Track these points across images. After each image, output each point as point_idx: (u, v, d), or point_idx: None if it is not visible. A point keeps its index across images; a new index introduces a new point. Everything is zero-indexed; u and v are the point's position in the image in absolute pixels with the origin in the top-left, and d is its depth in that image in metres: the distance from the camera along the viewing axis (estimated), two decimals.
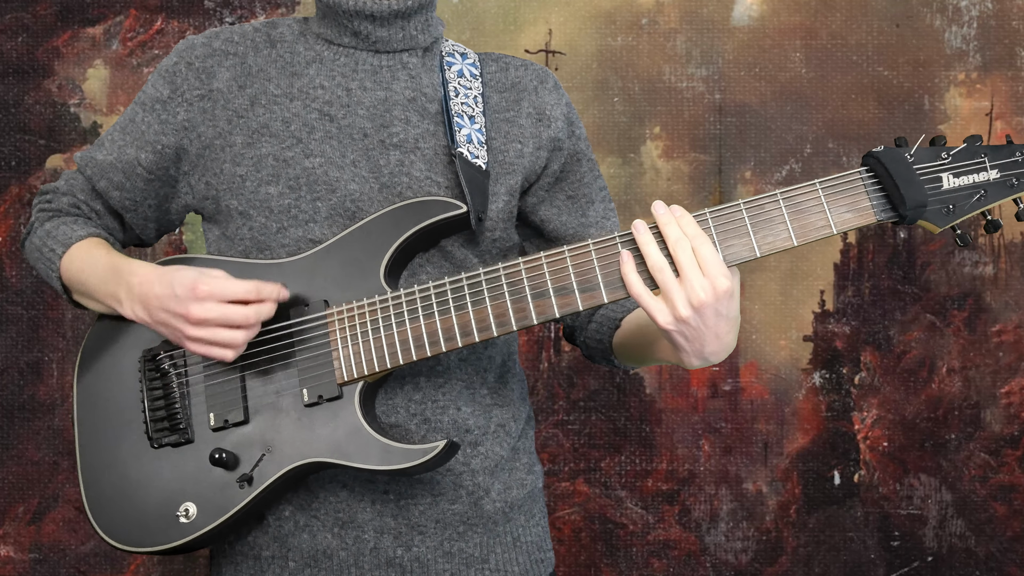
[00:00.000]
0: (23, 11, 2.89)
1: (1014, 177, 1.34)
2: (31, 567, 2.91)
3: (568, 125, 1.59)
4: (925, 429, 2.95)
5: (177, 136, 1.51)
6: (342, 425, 1.41)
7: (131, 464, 1.48)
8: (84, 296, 1.55)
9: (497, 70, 1.59)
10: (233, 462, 1.43)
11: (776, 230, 1.32)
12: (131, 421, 1.49)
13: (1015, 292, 2.94)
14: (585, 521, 2.95)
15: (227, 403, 1.45)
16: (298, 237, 1.47)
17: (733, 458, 2.96)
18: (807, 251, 2.95)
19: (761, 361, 2.96)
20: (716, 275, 1.27)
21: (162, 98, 1.52)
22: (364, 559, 1.49)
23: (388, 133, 1.48)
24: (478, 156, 1.49)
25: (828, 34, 2.94)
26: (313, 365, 1.43)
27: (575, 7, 2.93)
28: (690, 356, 1.34)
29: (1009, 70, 2.94)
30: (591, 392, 2.95)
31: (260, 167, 1.47)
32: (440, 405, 1.50)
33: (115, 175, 1.55)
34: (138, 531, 1.47)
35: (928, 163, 1.32)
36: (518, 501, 1.58)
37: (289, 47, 1.54)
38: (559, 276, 1.36)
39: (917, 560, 2.96)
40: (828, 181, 1.32)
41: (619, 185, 2.93)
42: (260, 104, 1.49)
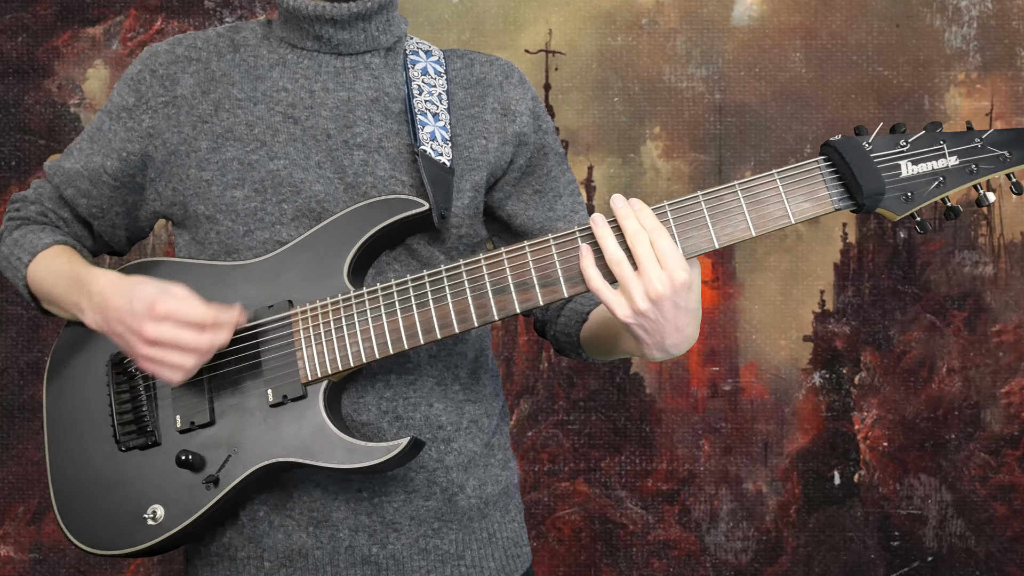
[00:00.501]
0: (23, 11, 2.89)
1: (973, 164, 1.33)
2: (31, 567, 2.91)
3: (534, 119, 1.59)
4: (925, 429, 2.95)
5: (143, 143, 1.52)
6: (307, 424, 1.41)
7: (99, 467, 1.48)
8: (51, 304, 1.55)
9: (462, 66, 1.59)
10: (199, 463, 1.43)
11: (735, 221, 1.32)
12: (99, 425, 1.50)
13: (1015, 292, 2.94)
14: (585, 521, 2.95)
15: (193, 405, 1.45)
16: (265, 239, 1.47)
17: (733, 458, 2.96)
18: (807, 251, 2.95)
19: (761, 361, 2.96)
20: (674, 268, 1.28)
21: (127, 106, 1.53)
22: (339, 557, 1.49)
23: (352, 133, 1.49)
24: (442, 153, 1.49)
25: (828, 34, 2.94)
26: (278, 365, 1.43)
27: (575, 7, 2.93)
28: (651, 348, 1.34)
29: (1009, 70, 2.94)
30: (591, 392, 2.95)
31: (225, 171, 1.48)
32: (412, 402, 1.50)
33: (82, 183, 1.56)
34: (107, 534, 1.47)
35: (886, 151, 1.32)
36: (493, 497, 1.58)
37: (252, 51, 1.54)
38: (519, 271, 1.36)
39: (917, 560, 2.96)
40: (786, 171, 1.32)
41: (619, 185, 2.93)
42: (224, 109, 1.50)
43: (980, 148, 1.33)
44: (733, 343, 2.96)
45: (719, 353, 2.96)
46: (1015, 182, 1.33)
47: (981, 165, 1.33)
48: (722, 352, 2.96)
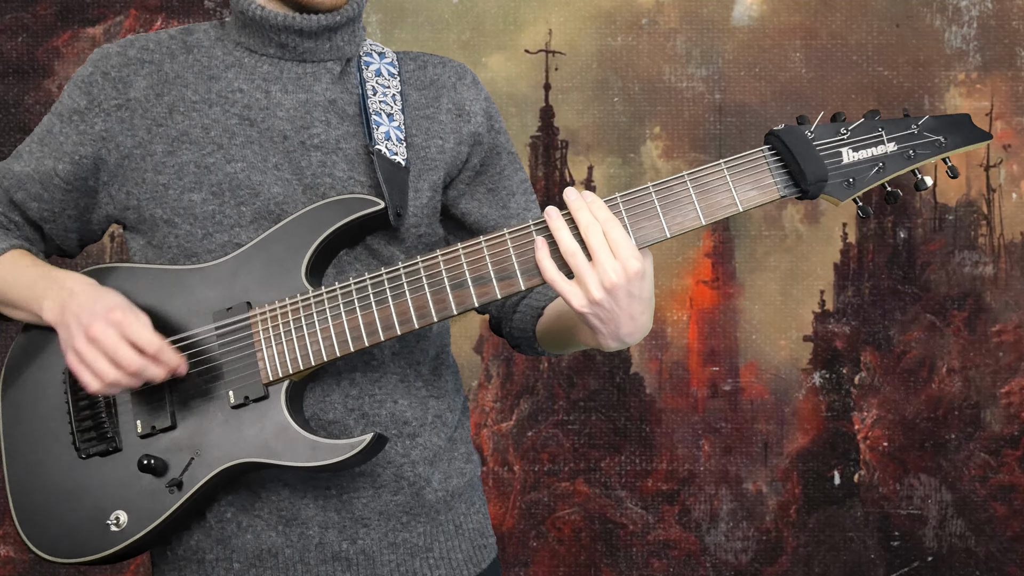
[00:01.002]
0: (23, 11, 2.89)
1: (911, 149, 1.37)
2: (31, 567, 2.91)
3: (487, 120, 1.61)
4: (925, 429, 2.95)
5: (95, 146, 1.51)
6: (270, 424, 1.41)
7: (59, 475, 1.47)
8: (6, 306, 1.54)
9: (415, 68, 1.61)
10: (162, 468, 1.42)
11: (684, 210, 1.35)
12: (57, 432, 1.48)
13: (1015, 292, 2.94)
14: (585, 521, 2.95)
15: (153, 410, 1.44)
16: (224, 242, 1.47)
17: (733, 458, 2.96)
18: (807, 251, 2.95)
19: (761, 361, 2.96)
20: (627, 257, 1.30)
21: (79, 109, 1.51)
22: (310, 555, 1.49)
23: (309, 135, 1.49)
24: (397, 153, 1.50)
25: (828, 34, 2.94)
26: (238, 367, 1.43)
27: (575, 7, 2.93)
28: (607, 338, 1.37)
29: (1009, 70, 2.94)
30: (591, 392, 2.95)
31: (182, 175, 1.47)
32: (377, 399, 1.51)
33: (32, 186, 1.54)
34: (69, 542, 1.46)
35: (828, 139, 1.36)
36: (458, 490, 1.59)
37: (206, 52, 1.54)
38: (477, 266, 1.38)
39: (917, 560, 2.96)
40: (732, 160, 1.36)
41: (619, 185, 2.93)
42: (179, 111, 1.50)
43: (917, 134, 1.38)
44: (733, 343, 2.96)
45: (719, 353, 2.96)
46: (951, 166, 1.38)
47: (918, 150, 1.37)
48: (722, 352, 2.96)
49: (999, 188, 2.96)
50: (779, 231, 2.96)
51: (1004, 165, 2.94)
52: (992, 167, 2.95)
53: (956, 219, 2.95)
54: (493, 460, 2.96)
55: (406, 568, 1.54)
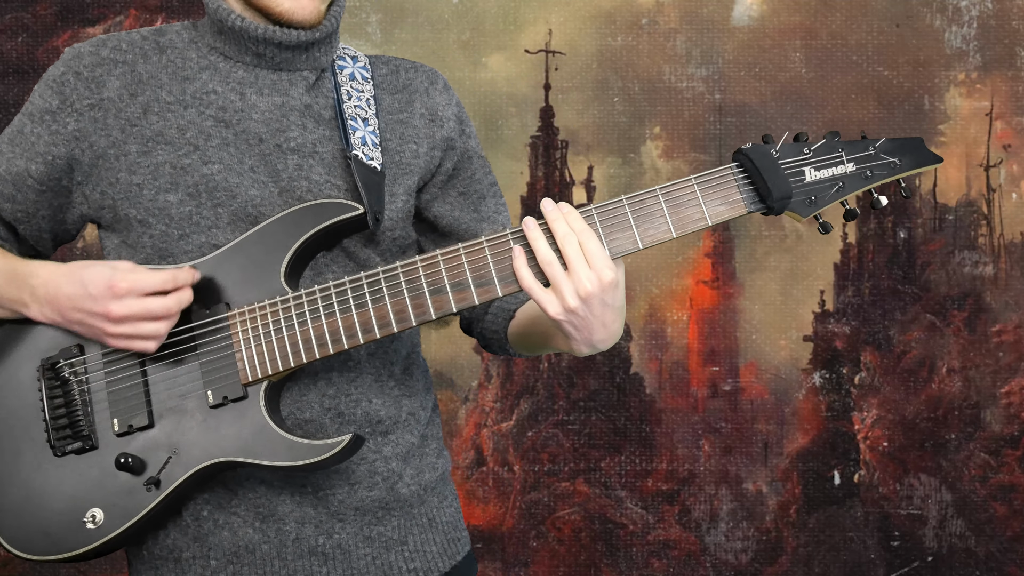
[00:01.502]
0: (23, 11, 2.89)
1: (868, 170, 1.43)
2: (31, 567, 2.90)
3: (459, 124, 1.64)
4: (925, 429, 2.95)
5: (68, 147, 1.50)
6: (248, 424, 1.42)
7: (34, 473, 1.47)
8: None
9: (388, 72, 1.62)
10: (139, 466, 1.43)
11: (656, 223, 1.40)
12: (31, 430, 1.48)
13: (1015, 292, 2.94)
14: (585, 521, 2.95)
15: (131, 408, 1.45)
16: (201, 243, 1.48)
17: (733, 458, 2.96)
18: (807, 251, 2.95)
19: (761, 361, 2.96)
20: (602, 267, 1.35)
21: (51, 109, 1.50)
22: (287, 550, 1.51)
23: (285, 138, 1.50)
24: (373, 158, 1.52)
25: (828, 34, 2.94)
26: (217, 367, 1.44)
27: (575, 7, 2.93)
28: (580, 344, 1.41)
29: (1009, 70, 2.94)
30: (591, 392, 2.95)
31: (157, 175, 1.47)
32: (353, 399, 1.53)
33: (5, 187, 1.53)
34: (44, 540, 1.46)
35: (792, 158, 1.42)
36: (431, 484, 1.62)
37: (180, 53, 1.54)
38: (455, 272, 1.41)
39: (917, 560, 2.96)
40: (702, 176, 1.41)
41: (619, 185, 2.93)
42: (153, 112, 1.49)
43: (874, 156, 1.43)
44: (733, 343, 2.96)
45: (719, 353, 2.96)
46: (904, 187, 1.46)
47: (875, 171, 1.43)
48: (722, 352, 2.96)
49: (999, 188, 2.96)
50: (779, 231, 2.96)
51: (1004, 165, 2.94)
52: (992, 167, 2.95)
53: (956, 219, 2.95)
54: (493, 460, 2.96)
55: (382, 561, 1.56)
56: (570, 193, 2.94)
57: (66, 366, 1.47)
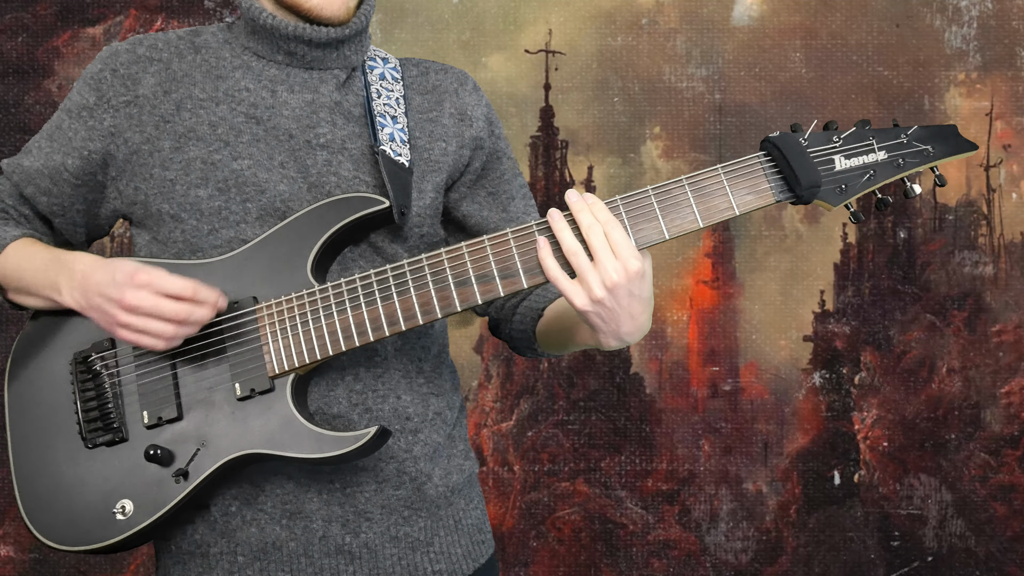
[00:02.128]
0: (23, 11, 2.89)
1: (900, 158, 1.41)
2: (31, 567, 2.91)
3: (488, 125, 1.65)
4: (925, 429, 2.95)
5: (104, 142, 1.53)
6: (275, 417, 1.43)
7: (65, 465, 1.49)
8: (20, 293, 1.57)
9: (417, 74, 1.64)
10: (168, 458, 1.44)
11: (683, 213, 1.39)
12: (64, 423, 1.51)
13: (1015, 292, 2.94)
14: (585, 521, 2.95)
15: (160, 400, 1.47)
16: (230, 238, 1.50)
17: (733, 458, 2.96)
18: (807, 251, 2.95)
19: (761, 361, 2.96)
20: (627, 257, 1.34)
21: (88, 105, 1.54)
22: (313, 548, 1.52)
23: (314, 134, 1.52)
24: (401, 154, 1.54)
25: (828, 34, 2.94)
26: (244, 360, 1.46)
27: (575, 7, 2.93)
28: (607, 337, 1.40)
29: (1009, 70, 2.94)
30: (591, 392, 2.95)
31: (189, 170, 1.50)
32: (380, 394, 1.53)
33: (42, 181, 1.57)
34: (75, 530, 1.49)
35: (821, 146, 1.40)
36: (458, 486, 1.62)
37: (214, 53, 1.57)
38: (480, 264, 1.41)
39: (917, 560, 2.96)
40: (730, 166, 1.39)
41: (619, 185, 2.93)
42: (186, 108, 1.52)
43: (905, 144, 1.42)
44: (733, 343, 2.96)
45: (719, 353, 2.96)
46: (938, 175, 1.43)
47: (907, 159, 1.41)
48: (722, 352, 2.96)
49: (999, 188, 2.96)
50: (779, 231, 2.96)
51: (1004, 165, 2.94)
52: (992, 167, 2.95)
53: (956, 219, 2.95)
54: (493, 460, 2.96)
55: (407, 562, 1.56)
56: None
57: (98, 359, 1.50)
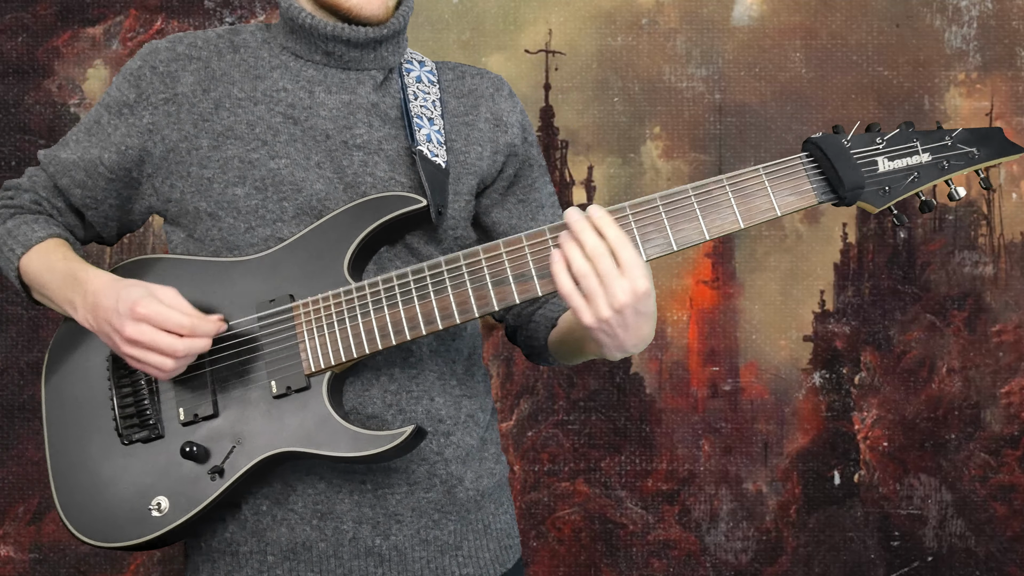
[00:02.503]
0: (23, 11, 2.89)
1: (945, 160, 1.40)
2: (31, 567, 2.91)
3: (523, 132, 1.65)
4: (925, 429, 2.95)
5: (142, 139, 1.54)
6: (311, 415, 1.44)
7: (102, 462, 1.50)
8: (43, 297, 1.58)
9: (454, 78, 1.65)
10: (204, 455, 1.45)
11: (723, 213, 1.38)
12: (100, 419, 1.51)
13: (1015, 292, 2.94)
14: (585, 521, 2.95)
15: (196, 398, 1.47)
16: (267, 236, 1.50)
17: (733, 458, 2.96)
18: (807, 251, 2.95)
19: (761, 361, 2.96)
20: (636, 277, 1.32)
21: (128, 101, 1.55)
22: (343, 549, 1.52)
23: (351, 135, 1.52)
24: (437, 155, 1.54)
25: (828, 34, 2.94)
26: (281, 357, 1.46)
27: (575, 7, 2.93)
28: (611, 350, 1.41)
29: (1009, 70, 2.94)
30: (591, 392, 2.95)
31: (227, 169, 1.50)
32: (414, 395, 1.54)
33: (77, 173, 1.58)
34: (111, 527, 1.48)
35: (864, 148, 1.39)
36: (488, 490, 1.62)
37: (253, 52, 1.57)
38: (518, 263, 1.40)
39: (917, 560, 2.96)
40: (771, 166, 1.38)
41: (619, 185, 2.93)
42: (224, 107, 1.52)
43: (950, 146, 1.41)
44: (733, 343, 2.96)
45: (719, 353, 2.96)
46: (983, 178, 1.43)
47: (952, 161, 1.41)
48: (722, 352, 2.96)
49: (999, 188, 2.96)
50: (779, 231, 2.96)
51: (1004, 165, 2.95)
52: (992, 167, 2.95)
53: (956, 219, 2.95)
54: None
55: (436, 565, 1.56)
56: (570, 193, 2.94)
57: None
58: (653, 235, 1.39)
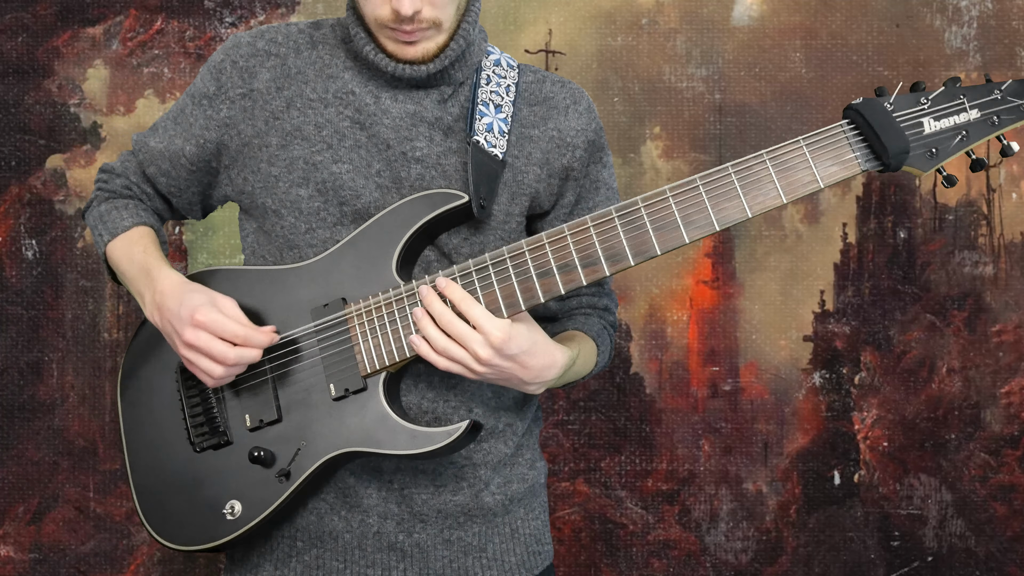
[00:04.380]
0: (23, 11, 2.89)
1: (995, 115, 1.36)
2: (31, 567, 2.91)
3: (588, 152, 1.62)
4: (925, 429, 2.95)
5: (219, 132, 1.57)
6: (370, 415, 1.48)
7: (177, 468, 1.57)
8: (123, 281, 1.65)
9: (533, 80, 1.62)
10: (271, 459, 1.50)
11: (765, 189, 1.37)
12: (173, 428, 1.58)
13: (1015, 292, 2.94)
14: (585, 521, 2.95)
15: (260, 404, 1.52)
16: (325, 239, 1.53)
17: (733, 458, 2.96)
18: (807, 251, 2.95)
19: (761, 361, 2.96)
20: (488, 331, 1.38)
21: (208, 94, 1.58)
22: (367, 542, 1.55)
23: (411, 147, 1.53)
24: (495, 145, 1.53)
25: (828, 34, 2.94)
26: (337, 360, 1.50)
27: (575, 7, 2.93)
28: (520, 387, 1.47)
29: (1009, 70, 2.94)
30: (591, 392, 2.95)
31: (292, 169, 1.53)
32: (452, 405, 1.56)
33: (163, 163, 1.63)
34: (189, 531, 1.55)
35: (908, 109, 1.36)
36: (518, 495, 1.63)
37: (330, 50, 1.58)
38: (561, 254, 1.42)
39: (917, 560, 2.96)
40: (811, 137, 1.36)
41: (619, 185, 2.92)
42: (295, 107, 1.55)
43: (1000, 99, 1.36)
44: (733, 343, 2.96)
45: (719, 353, 2.96)
46: None
47: (1003, 116, 1.35)
48: (722, 352, 2.96)
49: (999, 188, 2.96)
50: (779, 231, 2.96)
51: (1004, 165, 2.94)
52: (992, 167, 2.95)
53: (956, 219, 2.95)
54: None
55: (459, 565, 1.58)
56: None
57: None
58: (695, 216, 1.38)
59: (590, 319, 1.66)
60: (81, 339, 2.89)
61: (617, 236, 1.39)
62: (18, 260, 2.89)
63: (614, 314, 1.72)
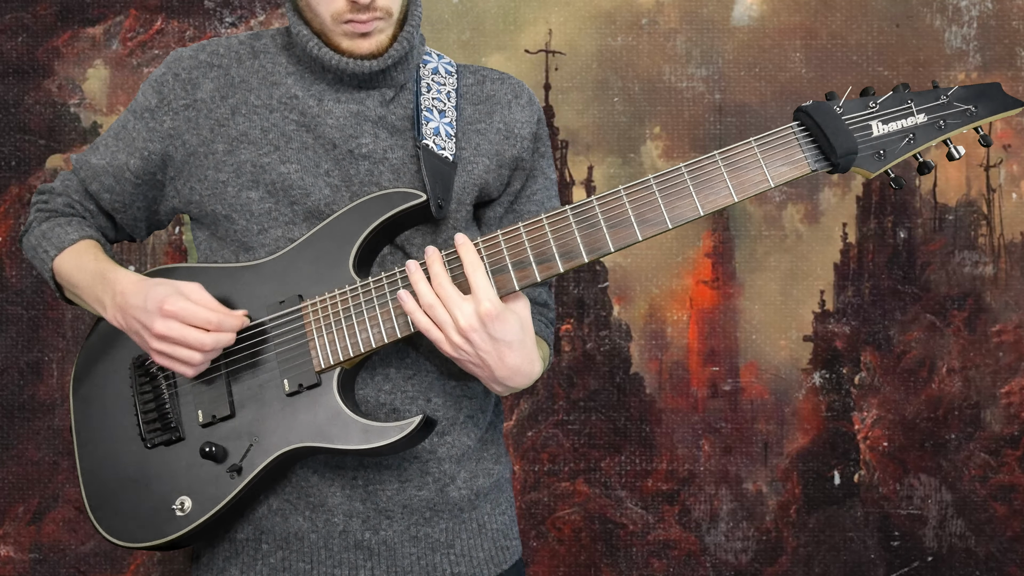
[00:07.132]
0: (23, 11, 2.89)
1: (942, 120, 1.39)
2: (31, 567, 2.91)
3: (533, 143, 1.66)
4: (925, 429, 2.95)
5: (163, 143, 1.58)
6: (323, 410, 1.47)
7: (127, 464, 1.55)
8: (75, 296, 1.63)
9: (473, 82, 1.66)
10: (222, 454, 1.49)
11: (717, 188, 1.39)
12: (125, 424, 1.57)
13: (1015, 292, 2.94)
14: (585, 521, 2.95)
15: (213, 400, 1.52)
16: (278, 237, 1.54)
17: (733, 458, 2.96)
18: (807, 251, 2.95)
19: (761, 361, 2.96)
20: (481, 300, 1.38)
21: (150, 107, 1.59)
22: (334, 542, 1.55)
23: (357, 144, 1.55)
24: (444, 148, 1.56)
25: (828, 34, 2.94)
26: (292, 356, 1.50)
27: (575, 7, 2.93)
28: (489, 382, 1.45)
29: (1009, 70, 2.94)
30: (591, 392, 2.95)
31: (240, 173, 1.54)
32: (409, 396, 1.56)
33: (106, 179, 1.63)
34: (137, 527, 1.53)
35: (856, 113, 1.39)
36: (484, 489, 1.63)
37: (272, 58, 1.60)
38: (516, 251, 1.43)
39: (917, 560, 2.96)
40: (763, 138, 1.39)
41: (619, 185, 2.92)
42: (240, 113, 1.56)
43: (947, 104, 1.40)
44: (733, 343, 2.96)
45: (719, 353, 2.96)
46: (983, 135, 1.41)
47: (949, 120, 1.39)
48: (722, 352, 2.96)
49: (999, 188, 2.96)
50: (779, 231, 2.96)
51: (1004, 165, 2.94)
52: (992, 167, 2.95)
53: (956, 219, 2.95)
54: None
55: (427, 562, 1.58)
56: (570, 193, 2.94)
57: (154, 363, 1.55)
58: (648, 214, 1.41)
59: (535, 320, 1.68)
60: (81, 339, 2.89)
61: (572, 233, 1.41)
62: (18, 260, 2.89)
63: (553, 310, 1.74)
